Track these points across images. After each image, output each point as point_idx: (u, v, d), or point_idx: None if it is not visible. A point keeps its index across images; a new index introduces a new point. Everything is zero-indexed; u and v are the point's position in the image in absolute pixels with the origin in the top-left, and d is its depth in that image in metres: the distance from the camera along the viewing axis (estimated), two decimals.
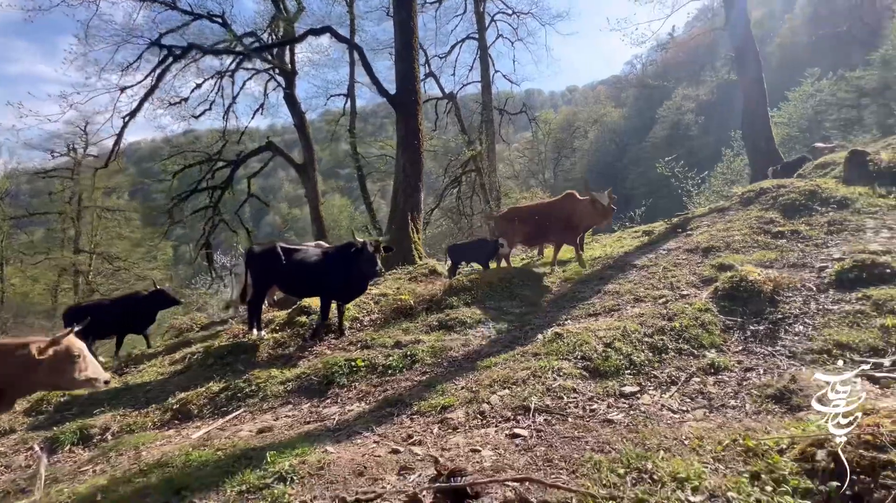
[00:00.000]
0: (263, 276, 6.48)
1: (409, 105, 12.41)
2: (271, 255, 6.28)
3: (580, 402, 3.34)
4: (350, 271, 6.04)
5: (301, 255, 6.34)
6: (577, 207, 7.48)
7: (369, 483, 2.54)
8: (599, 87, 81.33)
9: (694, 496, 1.89)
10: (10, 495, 3.24)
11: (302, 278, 6.26)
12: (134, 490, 2.75)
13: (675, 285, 5.42)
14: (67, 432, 4.63)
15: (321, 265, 6.25)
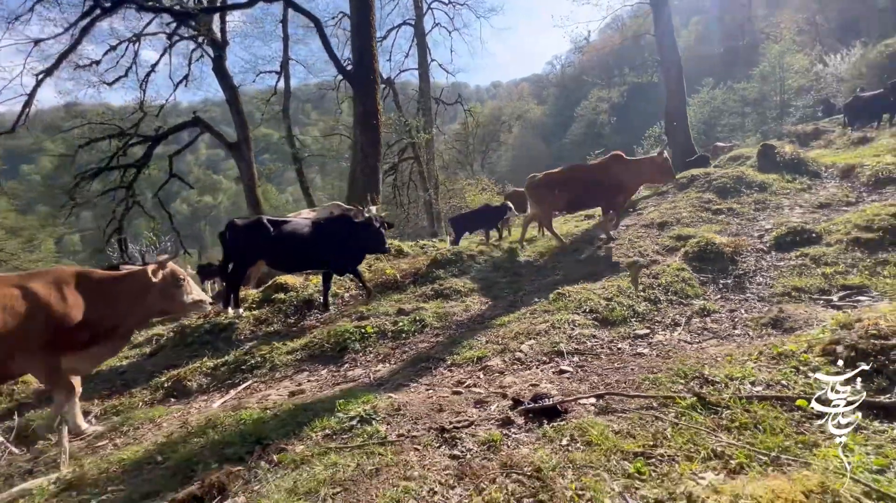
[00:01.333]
0: (248, 252, 6.11)
1: (368, 83, 12.21)
2: (257, 229, 5.96)
3: (603, 344, 3.78)
4: (351, 243, 5.92)
5: (292, 227, 6.08)
6: (629, 167, 7.20)
7: (453, 416, 2.72)
8: (523, 84, 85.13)
9: (754, 387, 2.37)
10: (28, 474, 2.89)
11: (294, 251, 5.99)
12: (204, 445, 2.63)
13: (644, 252, 6.15)
14: (40, 420, 4.11)
15: (318, 236, 6.03)
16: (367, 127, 12.13)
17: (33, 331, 3.17)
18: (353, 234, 5.97)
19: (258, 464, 2.33)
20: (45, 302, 3.23)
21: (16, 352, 3.15)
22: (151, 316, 4.19)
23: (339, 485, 2.08)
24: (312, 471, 2.22)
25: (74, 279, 3.44)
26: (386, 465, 2.21)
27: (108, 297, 3.52)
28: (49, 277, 3.37)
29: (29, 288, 3.24)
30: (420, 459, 2.25)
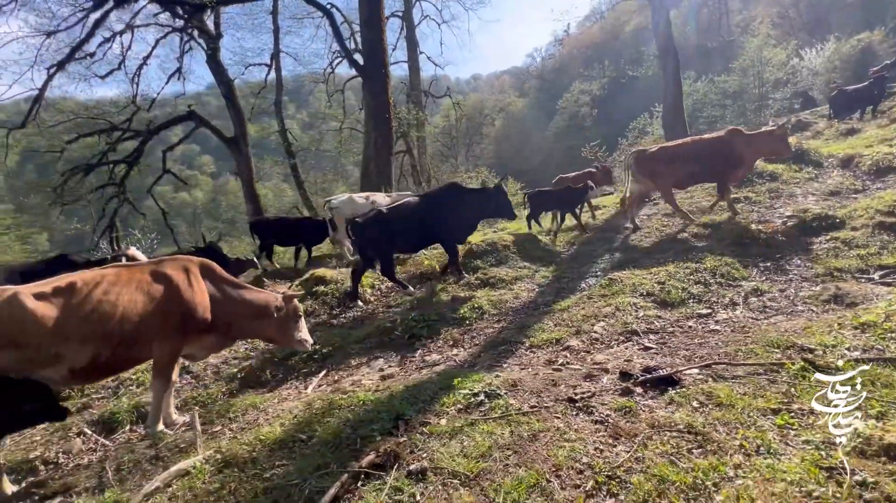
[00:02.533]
0: (384, 242, 6.21)
1: (379, 77, 12.26)
2: (380, 221, 6.16)
3: (671, 324, 4.09)
4: (467, 213, 6.24)
5: (411, 208, 6.28)
6: (749, 141, 6.96)
7: (570, 389, 2.97)
8: (504, 77, 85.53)
9: (851, 352, 2.69)
10: (156, 459, 3.01)
11: (420, 230, 6.24)
12: (344, 422, 2.81)
13: (674, 239, 6.51)
14: (122, 411, 4.19)
15: (436, 211, 6.24)
16: (380, 121, 12.19)
17: (169, 315, 3.30)
18: (468, 204, 6.25)
19: (414, 436, 2.53)
20: (178, 287, 3.37)
21: (153, 334, 3.27)
22: (257, 337, 4.32)
23: (507, 449, 2.31)
24: (472, 438, 2.43)
25: (199, 268, 3.58)
26: (539, 431, 2.44)
27: (228, 296, 3.69)
28: (177, 264, 3.50)
29: (162, 273, 3.37)
30: (567, 425, 2.49)
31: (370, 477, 2.22)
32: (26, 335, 2.92)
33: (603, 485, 1.93)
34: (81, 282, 3.16)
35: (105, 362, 3.22)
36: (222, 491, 2.38)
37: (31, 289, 3.03)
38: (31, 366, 2.95)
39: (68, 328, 3.02)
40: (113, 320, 3.15)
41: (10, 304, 2.92)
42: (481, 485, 2.04)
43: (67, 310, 3.04)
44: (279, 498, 2.21)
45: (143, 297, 3.29)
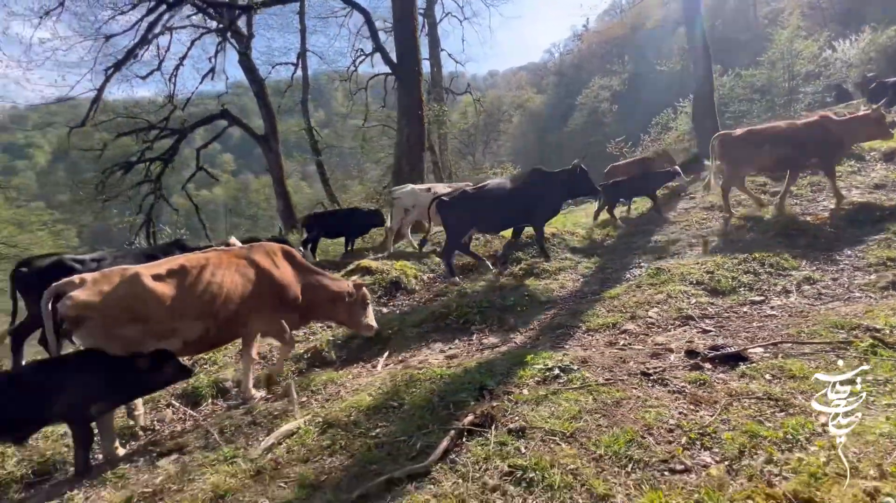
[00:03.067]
0: (463, 221, 6.52)
1: (412, 74, 12.50)
2: (468, 199, 6.46)
3: (725, 310, 4.22)
4: (551, 194, 6.50)
5: (497, 191, 6.55)
6: (845, 126, 6.79)
7: (639, 365, 3.16)
8: (521, 73, 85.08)
9: None
10: (254, 425, 3.32)
11: (505, 211, 6.50)
12: (431, 392, 3.06)
13: (715, 231, 6.59)
14: (204, 387, 4.54)
15: (521, 193, 6.48)
16: (412, 117, 12.45)
17: (264, 294, 3.64)
18: (552, 186, 6.50)
19: (503, 402, 2.76)
20: (268, 270, 3.71)
21: (250, 312, 3.60)
22: (330, 320, 4.72)
23: (595, 412, 2.52)
24: (559, 405, 2.65)
25: (282, 253, 3.91)
26: (621, 399, 2.65)
27: (307, 280, 4.06)
28: (264, 250, 3.84)
29: (253, 258, 3.70)
30: (645, 394, 2.69)
31: (472, 434, 2.46)
32: (148, 311, 3.26)
33: (696, 441, 2.13)
34: (190, 265, 3.49)
35: (211, 336, 3.55)
36: (334, 446, 2.65)
37: (150, 269, 3.37)
38: (153, 338, 3.29)
39: (183, 305, 3.35)
40: (219, 299, 3.48)
41: (133, 283, 3.26)
42: (579, 441, 2.26)
43: (181, 290, 3.37)
44: (391, 450, 2.47)
45: (241, 279, 3.61)
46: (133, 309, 3.24)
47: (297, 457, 2.61)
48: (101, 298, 3.17)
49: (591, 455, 2.14)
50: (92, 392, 3.06)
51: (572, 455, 2.14)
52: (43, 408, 3.00)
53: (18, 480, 3.51)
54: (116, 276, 3.28)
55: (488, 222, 6.76)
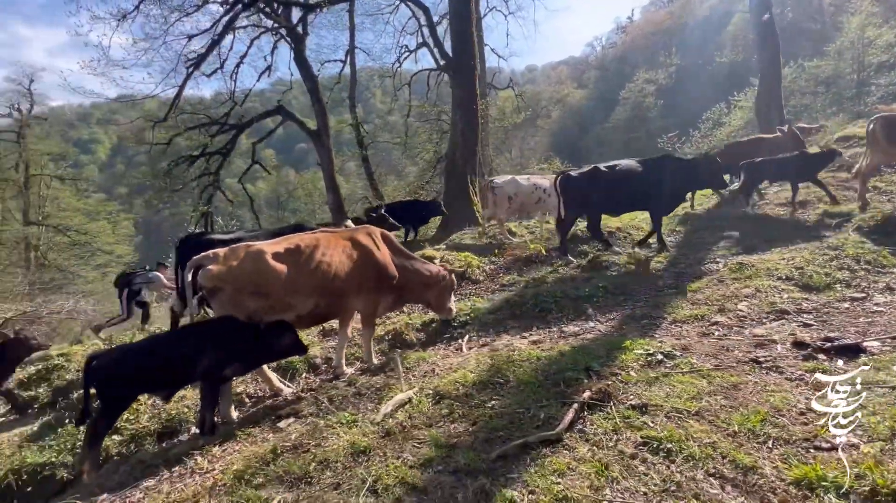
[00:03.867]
0: (587, 199, 6.55)
1: (468, 69, 12.58)
2: (596, 177, 6.45)
3: (823, 305, 4.11)
4: (677, 182, 6.31)
5: (624, 172, 6.48)
6: None
7: (746, 353, 3.15)
8: (561, 68, 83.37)
9: None
10: (359, 396, 3.55)
11: (632, 194, 6.41)
12: (535, 370, 3.19)
13: (796, 227, 6.35)
14: (297, 361, 4.86)
15: (647, 178, 6.36)
16: (467, 111, 12.55)
17: (367, 273, 3.88)
18: (681, 174, 6.36)
19: (614, 382, 2.85)
20: (371, 250, 3.95)
21: (355, 290, 3.86)
22: (420, 302, 4.90)
23: (715, 394, 2.56)
24: (673, 386, 2.71)
25: (381, 237, 4.14)
26: (737, 384, 2.67)
27: (403, 263, 4.31)
28: (365, 232, 4.09)
29: (357, 239, 3.95)
30: (762, 380, 2.70)
31: (592, 408, 2.56)
32: (269, 286, 3.56)
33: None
34: (303, 245, 3.76)
35: (320, 312, 3.83)
36: (453, 415, 2.82)
37: (270, 247, 3.67)
38: (272, 311, 3.59)
39: (299, 282, 3.63)
40: (329, 277, 3.74)
41: (257, 259, 3.56)
42: (707, 419, 2.32)
43: (297, 268, 3.65)
44: (513, 420, 2.61)
45: (346, 259, 3.87)
46: (257, 283, 3.55)
47: (421, 422, 2.79)
48: (232, 271, 3.49)
49: (725, 431, 2.20)
50: (229, 356, 3.39)
51: (705, 430, 2.21)
52: (190, 368, 3.34)
53: (151, 433, 3.93)
54: (242, 252, 3.60)
55: (611, 203, 6.67)
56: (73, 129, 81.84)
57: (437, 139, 26.18)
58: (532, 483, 1.98)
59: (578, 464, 2.09)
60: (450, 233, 11.50)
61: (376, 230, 4.27)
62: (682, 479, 1.90)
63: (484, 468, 2.17)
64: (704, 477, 1.91)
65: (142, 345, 3.69)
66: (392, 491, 2.08)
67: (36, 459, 3.54)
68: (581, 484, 1.94)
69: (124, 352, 3.55)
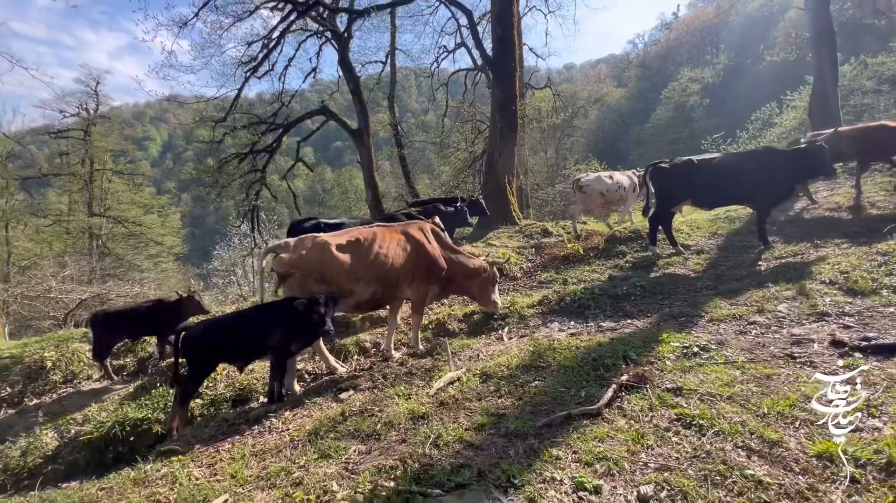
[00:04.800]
0: (678, 191, 6.53)
1: (508, 70, 12.79)
2: (690, 169, 6.43)
3: (867, 309, 4.13)
4: (782, 174, 5.96)
5: (720, 164, 6.35)
6: None
7: (781, 349, 3.29)
8: (601, 67, 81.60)
9: None
10: (410, 374, 3.92)
11: (731, 186, 6.20)
12: (575, 357, 3.45)
13: (848, 233, 6.24)
14: (350, 344, 5.30)
15: (747, 171, 6.13)
16: (506, 111, 12.77)
17: (419, 264, 4.29)
18: (784, 164, 6.01)
19: (651, 369, 3.07)
20: (422, 243, 4.35)
21: (408, 279, 4.27)
22: (465, 293, 5.22)
23: (747, 382, 2.76)
24: (707, 375, 2.91)
25: (432, 232, 4.52)
26: (769, 375, 2.84)
27: (450, 256, 4.68)
28: (417, 226, 4.49)
29: (409, 233, 4.35)
30: (795, 373, 2.86)
31: (629, 390, 2.81)
32: (332, 273, 3.99)
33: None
34: (363, 238, 4.18)
35: (377, 299, 4.24)
36: (499, 391, 3.14)
37: (334, 238, 4.10)
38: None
39: (359, 271, 4.04)
40: (385, 267, 4.14)
41: (322, 250, 4.00)
42: (739, 403, 2.53)
43: (357, 258, 4.06)
44: (555, 397, 2.90)
45: (401, 251, 4.26)
46: (321, 271, 3.99)
47: (471, 396, 3.13)
48: (301, 259, 3.94)
49: (755, 413, 2.40)
50: (295, 332, 3.84)
51: (735, 411, 2.42)
52: (263, 342, 3.82)
53: (227, 400, 4.46)
54: (310, 242, 4.04)
55: (705, 196, 6.52)
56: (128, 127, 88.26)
57: (472, 138, 26.42)
58: (575, 445, 2.27)
59: (617, 433, 2.36)
60: (486, 231, 11.78)
61: (427, 225, 4.64)
62: (712, 449, 2.14)
63: (532, 433, 2.47)
64: (733, 448, 2.14)
65: (223, 320, 4.21)
66: (452, 446, 2.42)
67: (136, 414, 4.13)
68: (619, 448, 2.21)
69: (208, 325, 4.08)
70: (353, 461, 2.45)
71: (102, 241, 31.58)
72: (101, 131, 34.09)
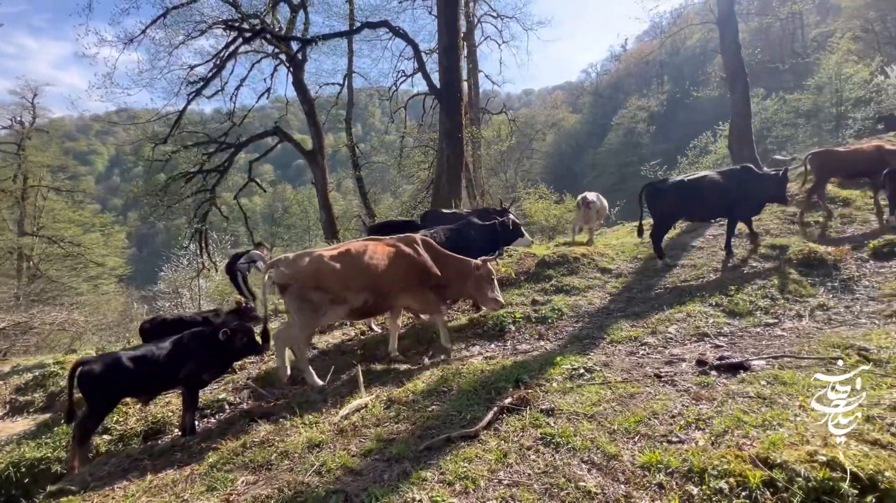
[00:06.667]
0: (674, 209, 7.15)
1: (454, 100, 13.36)
2: (683, 188, 7.01)
3: (740, 329, 4.66)
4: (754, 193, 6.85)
5: (705, 184, 7.01)
6: None
7: (655, 369, 3.68)
8: (557, 93, 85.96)
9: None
10: (323, 402, 4.03)
11: (714, 202, 6.94)
12: (474, 381, 3.69)
13: (742, 259, 6.95)
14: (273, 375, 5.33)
15: (727, 189, 6.87)
16: (453, 139, 13.28)
17: (410, 275, 4.79)
18: (757, 185, 6.89)
19: (536, 391, 3.36)
20: (411, 256, 4.86)
21: (400, 290, 4.79)
22: (463, 295, 5.59)
23: (612, 401, 3.09)
24: (582, 395, 3.23)
25: (421, 242, 5.05)
26: (634, 393, 3.19)
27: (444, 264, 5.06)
28: (408, 241, 4.99)
29: (398, 247, 4.86)
30: (656, 391, 3.23)
31: (511, 411, 3.07)
32: (327, 283, 4.39)
33: (692, 424, 2.67)
34: (355, 250, 4.61)
35: (369, 307, 4.71)
36: (399, 416, 3.32)
37: (328, 251, 4.55)
38: (330, 304, 4.45)
39: (350, 280, 4.46)
40: (375, 277, 4.57)
41: (318, 262, 4.43)
42: (598, 420, 2.84)
43: (349, 268, 4.48)
44: (446, 420, 3.12)
45: (390, 263, 4.73)
46: (317, 280, 4.38)
47: (370, 422, 3.29)
48: (298, 271, 4.37)
49: (607, 429, 2.71)
50: (208, 362, 3.89)
51: (592, 429, 2.72)
52: (171, 374, 3.83)
53: (138, 434, 4.38)
54: (306, 256, 4.50)
55: (696, 212, 7.29)
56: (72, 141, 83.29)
57: (431, 160, 26.96)
58: (444, 467, 2.48)
59: (486, 453, 2.60)
60: None
61: (418, 238, 5.14)
62: (561, 464, 2.41)
63: (411, 456, 2.66)
64: (578, 462, 2.42)
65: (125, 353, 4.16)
66: (334, 472, 2.57)
67: (33, 454, 3.98)
68: (481, 467, 2.44)
69: (107, 359, 4.01)
70: (237, 492, 2.55)
71: (34, 263, 29.42)
72: (37, 145, 32.17)
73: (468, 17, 32.73)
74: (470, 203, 28.32)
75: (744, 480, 2.02)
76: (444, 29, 13.39)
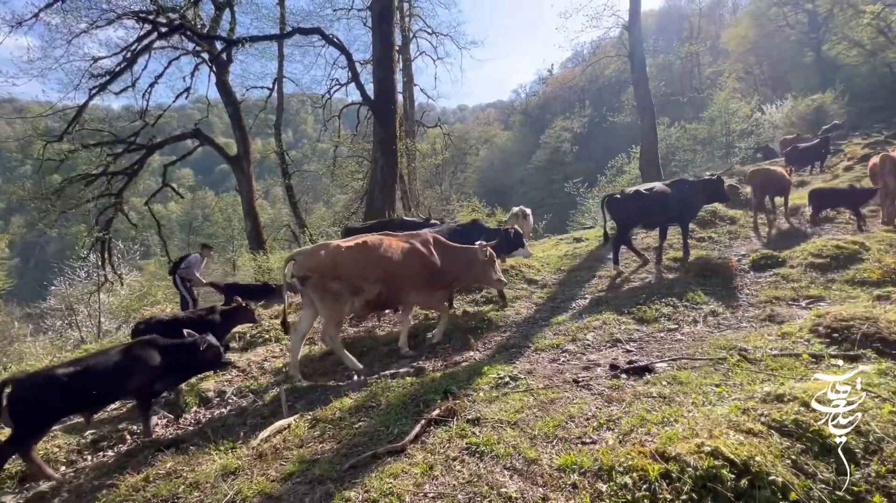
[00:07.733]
0: (631, 216, 7.69)
1: (388, 112, 13.41)
2: (636, 198, 7.59)
3: (647, 335, 5.12)
4: (695, 199, 7.85)
5: (656, 194, 7.68)
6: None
7: (573, 375, 3.93)
8: (490, 111, 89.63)
9: (771, 350, 3.75)
10: (245, 423, 3.79)
11: (665, 210, 7.66)
12: (404, 395, 3.67)
13: (650, 270, 7.68)
14: (189, 397, 4.92)
15: (673, 197, 7.68)
16: (387, 150, 13.28)
17: (421, 271, 4.92)
18: (699, 191, 7.92)
19: (463, 402, 3.43)
20: (421, 252, 5.00)
21: (411, 285, 4.91)
22: (471, 282, 5.94)
23: (534, 408, 3.24)
24: (507, 403, 3.36)
25: (433, 241, 5.20)
26: (554, 399, 3.38)
27: (452, 259, 5.30)
28: (420, 238, 5.13)
29: (410, 243, 4.97)
30: (574, 396, 3.44)
31: (438, 423, 3.11)
32: (345, 273, 4.49)
33: (603, 425, 2.88)
34: (371, 243, 4.69)
35: (382, 299, 4.88)
36: (324, 435, 3.21)
37: (345, 243, 4.65)
38: (348, 294, 4.56)
39: (367, 271, 4.57)
40: (389, 270, 4.69)
41: (336, 252, 4.51)
42: (520, 427, 2.96)
43: (366, 259, 4.60)
44: (373, 436, 3.07)
45: (404, 258, 4.87)
46: (335, 270, 4.46)
47: (293, 443, 3.14)
48: (317, 263, 4.45)
49: (528, 435, 2.84)
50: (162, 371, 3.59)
51: (514, 435, 2.84)
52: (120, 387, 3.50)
53: (13, 477, 3.79)
54: (323, 248, 4.56)
55: (650, 219, 7.96)
56: None
57: (365, 171, 26.60)
58: (370, 485, 2.44)
59: (412, 467, 2.60)
60: None
61: (429, 235, 5.33)
62: (484, 473, 2.48)
63: (335, 476, 2.59)
64: (501, 470, 2.51)
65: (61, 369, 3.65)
66: (250, 500, 2.42)
67: None
68: (407, 482, 2.44)
69: (38, 377, 3.53)
70: None
71: None
72: None
73: (403, 31, 33.14)
74: (405, 214, 28.29)
75: (645, 474, 2.22)
76: (379, 41, 13.44)
